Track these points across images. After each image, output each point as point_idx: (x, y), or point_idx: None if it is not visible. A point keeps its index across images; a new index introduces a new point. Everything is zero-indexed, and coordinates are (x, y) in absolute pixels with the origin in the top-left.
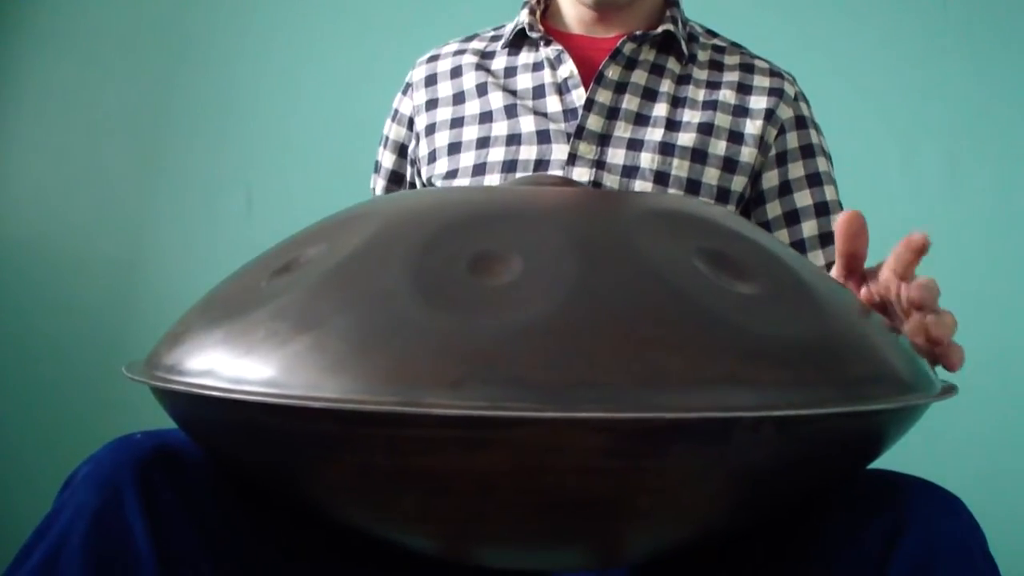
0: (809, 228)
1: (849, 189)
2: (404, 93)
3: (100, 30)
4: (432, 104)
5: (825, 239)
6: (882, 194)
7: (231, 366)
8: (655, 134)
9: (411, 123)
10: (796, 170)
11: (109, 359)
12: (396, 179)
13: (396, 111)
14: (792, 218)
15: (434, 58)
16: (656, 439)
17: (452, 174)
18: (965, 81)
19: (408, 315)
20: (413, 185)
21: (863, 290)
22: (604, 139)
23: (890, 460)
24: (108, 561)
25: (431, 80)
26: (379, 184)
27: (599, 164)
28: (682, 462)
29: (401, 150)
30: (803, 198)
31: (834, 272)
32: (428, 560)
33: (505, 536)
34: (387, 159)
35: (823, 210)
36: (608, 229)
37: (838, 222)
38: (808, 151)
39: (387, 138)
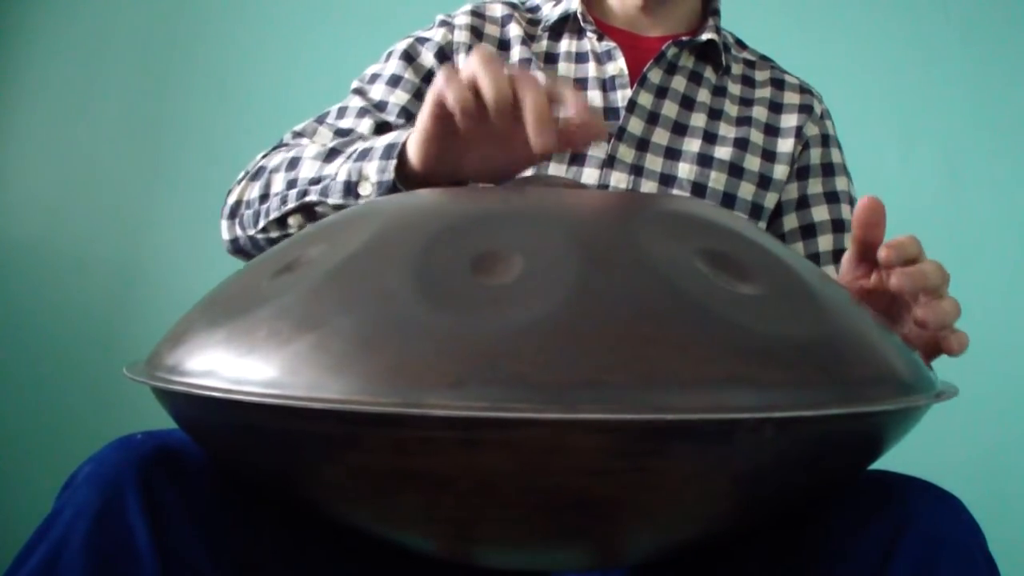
0: (824, 243)
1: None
2: (439, 26)
3: (100, 30)
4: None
5: (839, 255)
6: (881, 194)
7: (232, 366)
8: (693, 145)
9: (446, 56)
10: (815, 186)
11: (109, 359)
12: (411, 118)
13: (425, 39)
14: (808, 231)
15: (479, 14)
16: (657, 440)
17: None
18: (965, 81)
19: (410, 315)
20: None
21: (874, 276)
22: (643, 144)
23: (890, 460)
24: (109, 561)
25: (477, 32)
26: (365, 124)
27: (637, 170)
28: (683, 463)
29: (428, 77)
30: (820, 213)
31: (847, 256)
32: (429, 560)
33: (506, 536)
34: (399, 96)
35: (839, 227)
36: (610, 229)
37: (856, 208)
38: (829, 169)
39: (399, 78)
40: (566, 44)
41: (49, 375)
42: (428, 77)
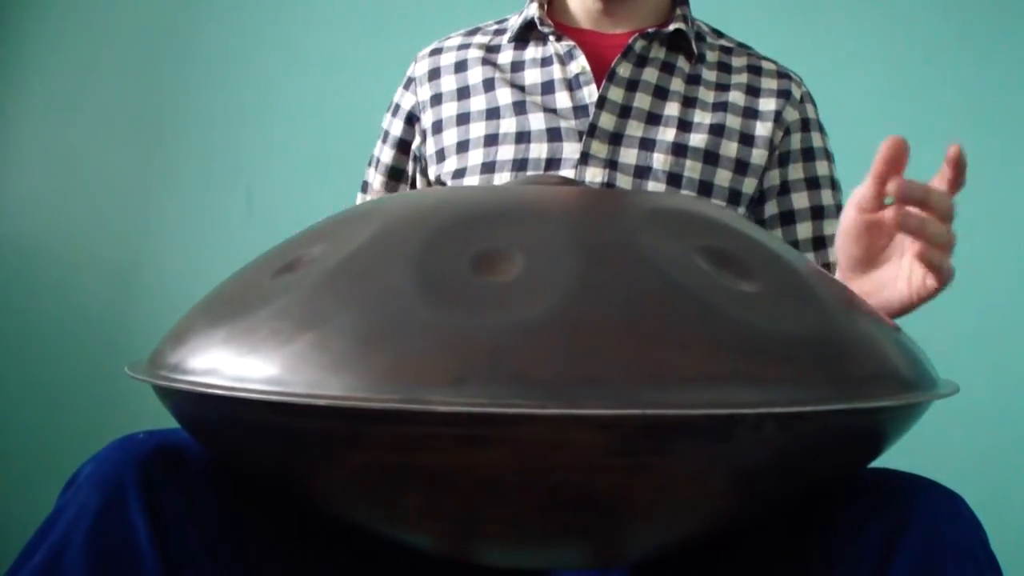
0: (804, 230)
1: (849, 189)
2: (406, 88)
3: (100, 31)
4: (437, 100)
5: (818, 242)
6: None
7: (234, 365)
8: (667, 134)
9: (414, 119)
10: (796, 172)
11: (109, 359)
12: (395, 175)
13: (397, 106)
14: (788, 218)
15: (437, 51)
16: (658, 436)
17: (460, 172)
18: (965, 81)
19: (411, 313)
20: (414, 182)
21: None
22: (616, 138)
23: (892, 459)
24: (111, 560)
25: (435, 74)
26: (376, 179)
27: (611, 164)
28: (684, 459)
29: (402, 146)
30: (800, 200)
31: (859, 189)
32: (430, 558)
33: (507, 533)
34: (386, 154)
35: (819, 213)
36: (610, 227)
37: (882, 144)
38: (809, 154)
39: (387, 133)
40: (532, 51)
41: (49, 375)
42: (399, 145)
